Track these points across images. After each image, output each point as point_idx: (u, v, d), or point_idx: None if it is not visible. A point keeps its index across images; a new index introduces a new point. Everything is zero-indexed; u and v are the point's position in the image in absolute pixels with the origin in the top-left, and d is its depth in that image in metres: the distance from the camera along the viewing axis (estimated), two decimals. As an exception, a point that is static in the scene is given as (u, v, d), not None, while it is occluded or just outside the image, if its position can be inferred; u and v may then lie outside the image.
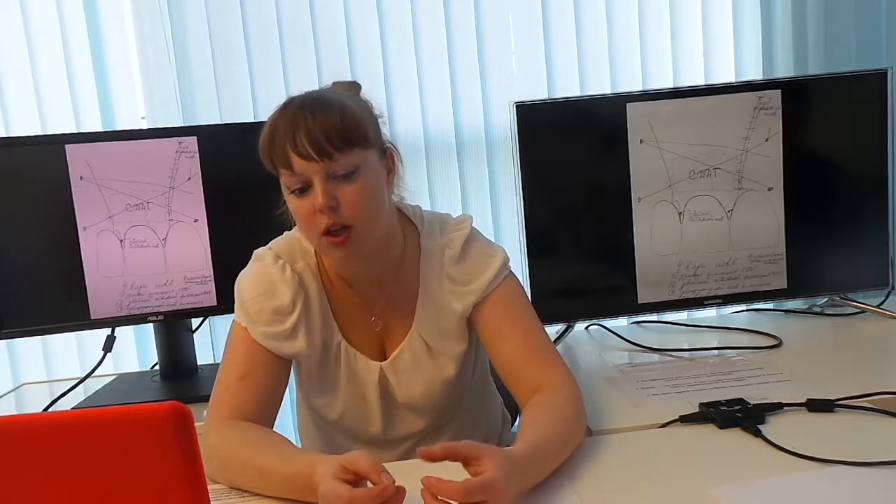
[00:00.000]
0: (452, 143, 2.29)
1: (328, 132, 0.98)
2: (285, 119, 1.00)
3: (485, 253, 1.15)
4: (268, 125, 1.03)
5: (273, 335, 1.09)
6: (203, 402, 1.13)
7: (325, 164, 0.99)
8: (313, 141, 0.98)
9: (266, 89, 2.19)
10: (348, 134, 1.00)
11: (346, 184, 1.01)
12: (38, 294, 1.41)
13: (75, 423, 0.57)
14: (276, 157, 1.01)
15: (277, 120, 1.02)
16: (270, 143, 1.01)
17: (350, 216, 1.01)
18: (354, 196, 1.01)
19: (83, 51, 2.12)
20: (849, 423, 1.05)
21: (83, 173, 1.39)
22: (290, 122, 1.00)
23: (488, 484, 0.79)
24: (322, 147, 0.98)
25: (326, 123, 0.99)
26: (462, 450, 0.84)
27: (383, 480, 0.79)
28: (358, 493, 0.80)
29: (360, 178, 1.02)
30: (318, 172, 0.99)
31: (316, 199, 0.99)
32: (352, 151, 1.00)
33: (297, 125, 0.99)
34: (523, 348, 1.10)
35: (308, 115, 0.99)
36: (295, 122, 0.99)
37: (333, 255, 1.06)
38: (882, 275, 1.59)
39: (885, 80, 1.53)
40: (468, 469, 0.84)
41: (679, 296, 1.55)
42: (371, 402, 1.16)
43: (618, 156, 1.50)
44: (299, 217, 1.04)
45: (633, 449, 1.01)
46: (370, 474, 0.81)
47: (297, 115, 1.00)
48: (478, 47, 2.27)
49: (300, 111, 1.00)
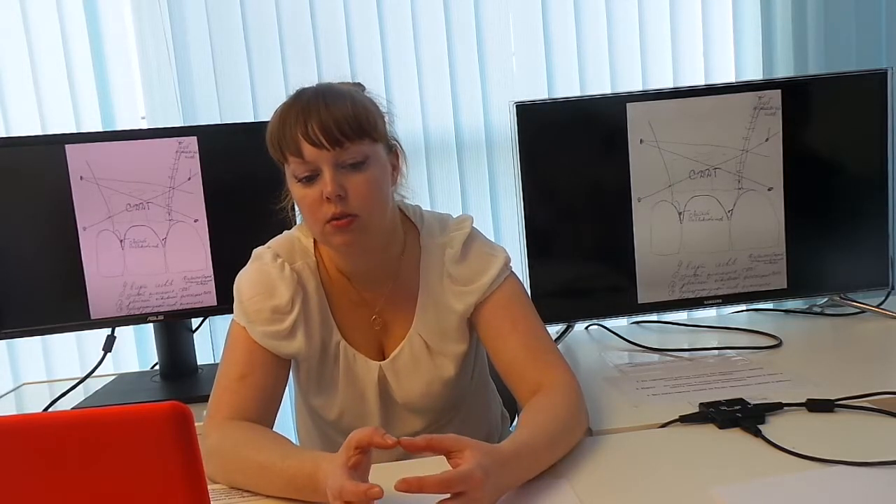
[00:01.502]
0: (452, 143, 2.29)
1: (340, 121, 0.99)
2: (297, 107, 1.01)
3: (486, 253, 1.15)
4: (277, 114, 1.03)
5: (272, 334, 1.09)
6: (203, 402, 1.13)
7: (335, 153, 1.00)
8: (325, 129, 0.99)
9: (266, 89, 2.19)
10: (360, 124, 1.01)
11: (354, 173, 1.01)
12: (38, 294, 1.41)
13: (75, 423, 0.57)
14: (285, 145, 1.01)
15: (288, 108, 1.02)
16: (280, 131, 1.02)
17: (357, 206, 1.01)
18: (363, 186, 1.02)
19: (83, 51, 2.12)
20: (849, 423, 1.05)
21: (83, 173, 1.39)
22: (302, 110, 1.00)
23: (466, 475, 0.80)
24: (333, 135, 0.99)
25: (339, 113, 1.00)
26: (444, 442, 0.84)
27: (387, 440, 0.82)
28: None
29: (368, 168, 1.03)
30: (328, 161, 1.00)
31: (325, 186, 1.00)
32: (362, 142, 1.01)
33: (309, 113, 0.99)
34: (524, 348, 1.10)
35: (321, 103, 1.00)
36: (307, 110, 1.00)
37: (336, 241, 1.04)
38: (882, 275, 1.59)
39: (885, 80, 1.53)
40: (450, 462, 0.85)
41: (679, 296, 1.55)
42: (370, 401, 1.16)
43: (618, 156, 1.50)
44: (305, 206, 1.04)
45: (633, 449, 1.01)
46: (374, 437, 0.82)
47: (309, 103, 1.01)
48: (478, 47, 2.27)
49: (313, 100, 1.01)
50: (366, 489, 0.79)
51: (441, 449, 0.84)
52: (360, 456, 0.84)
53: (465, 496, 0.79)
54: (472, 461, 0.81)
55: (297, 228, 1.18)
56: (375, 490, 0.78)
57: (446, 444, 0.84)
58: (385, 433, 0.83)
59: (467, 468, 0.80)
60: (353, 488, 0.79)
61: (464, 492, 0.79)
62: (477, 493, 0.80)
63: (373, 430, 0.84)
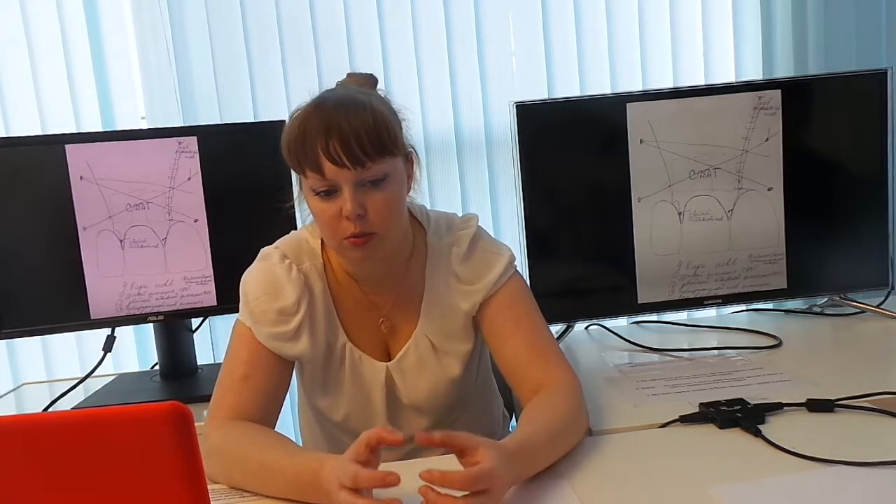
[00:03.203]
0: (452, 143, 2.29)
1: (362, 140, 0.97)
2: (317, 121, 0.98)
3: (491, 252, 1.15)
4: (296, 123, 1.00)
5: (277, 336, 1.08)
6: (203, 402, 1.13)
7: (356, 172, 0.98)
8: (347, 148, 0.96)
9: (266, 89, 2.19)
10: (381, 142, 0.99)
11: (374, 191, 1.00)
12: (38, 294, 1.41)
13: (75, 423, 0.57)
14: (305, 160, 0.99)
15: (308, 120, 0.99)
16: (300, 145, 0.99)
17: (377, 224, 1.01)
18: (382, 204, 1.01)
19: (83, 51, 2.12)
20: (849, 423, 1.05)
21: (83, 173, 1.39)
22: (322, 125, 0.97)
23: (488, 472, 0.80)
24: (355, 154, 0.97)
25: (361, 130, 0.97)
26: (460, 440, 0.84)
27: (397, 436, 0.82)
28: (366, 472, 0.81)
29: (388, 185, 1.01)
30: (349, 179, 0.98)
31: (344, 205, 0.98)
32: (383, 160, 1.00)
33: (330, 129, 0.97)
34: (527, 347, 1.10)
35: (343, 119, 0.97)
36: (328, 125, 0.97)
37: (353, 256, 1.05)
38: (882, 275, 1.59)
39: (885, 80, 1.53)
40: (463, 460, 0.85)
41: (679, 296, 1.55)
42: (376, 402, 1.16)
43: (618, 156, 1.50)
44: (323, 220, 1.03)
45: (633, 449, 1.01)
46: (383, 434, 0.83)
47: (330, 118, 0.97)
48: (478, 47, 2.27)
49: (334, 114, 0.98)
50: (383, 475, 0.79)
51: (456, 446, 0.85)
52: (370, 455, 0.84)
53: (487, 494, 0.80)
54: (491, 459, 0.82)
55: (305, 229, 1.18)
56: (393, 476, 0.79)
57: (461, 441, 0.84)
58: (394, 429, 0.83)
59: (489, 466, 0.81)
60: (369, 474, 0.80)
61: (486, 489, 0.80)
62: (498, 490, 0.81)
63: (382, 427, 0.84)
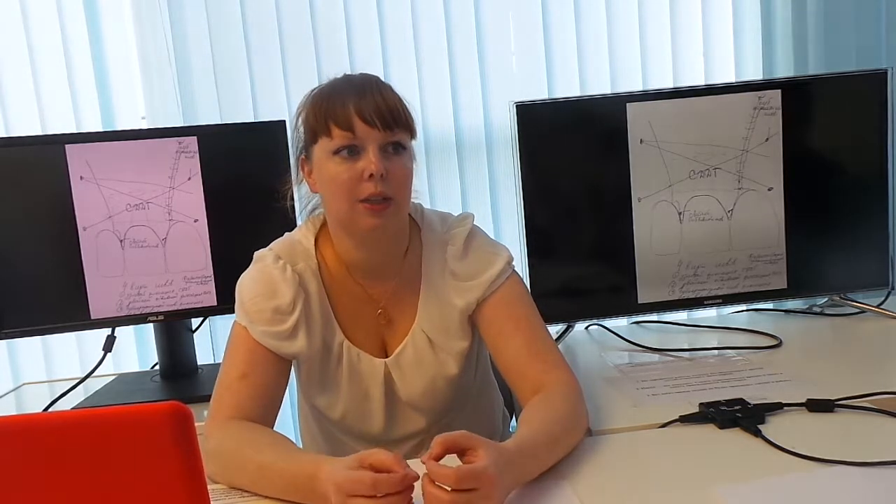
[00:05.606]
0: (452, 143, 2.29)
1: (392, 108, 1.04)
2: (350, 86, 1.05)
3: (488, 251, 1.16)
4: (326, 88, 1.07)
5: (273, 334, 1.09)
6: (203, 402, 1.13)
7: (385, 134, 1.03)
8: (381, 109, 1.03)
9: (266, 89, 2.19)
10: (406, 115, 1.07)
11: (395, 157, 1.05)
12: (38, 294, 1.41)
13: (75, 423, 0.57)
14: (334, 117, 1.03)
15: (339, 86, 1.06)
16: (331, 105, 1.04)
17: (395, 189, 1.04)
18: (401, 170, 1.06)
19: (83, 51, 2.12)
20: (849, 423, 1.05)
21: (83, 173, 1.39)
22: (357, 89, 1.04)
23: (480, 472, 0.80)
24: (386, 119, 1.03)
25: (392, 99, 1.05)
26: (457, 439, 0.84)
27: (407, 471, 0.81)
28: (381, 477, 0.80)
29: (406, 157, 1.07)
30: (376, 140, 1.03)
31: (369, 164, 1.02)
32: (405, 132, 1.06)
33: (364, 92, 1.04)
34: (526, 348, 1.10)
35: (374, 88, 1.05)
36: (363, 89, 1.04)
37: (365, 223, 1.05)
38: (882, 275, 1.59)
39: (885, 80, 1.53)
40: (462, 459, 0.85)
41: (679, 296, 1.55)
42: (374, 400, 1.16)
43: (618, 156, 1.50)
44: (340, 182, 1.04)
45: (633, 449, 1.01)
46: (393, 465, 0.81)
47: (364, 84, 1.05)
48: (478, 47, 2.27)
49: (367, 83, 1.06)
50: (402, 476, 0.79)
51: (455, 447, 0.85)
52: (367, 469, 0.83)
53: (477, 493, 0.80)
54: (487, 459, 0.82)
55: (298, 231, 1.18)
56: (413, 474, 0.80)
57: (459, 441, 0.84)
58: (406, 465, 0.82)
59: (481, 465, 0.81)
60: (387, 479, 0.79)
61: (475, 489, 0.80)
62: (488, 490, 0.80)
63: (396, 456, 0.82)
